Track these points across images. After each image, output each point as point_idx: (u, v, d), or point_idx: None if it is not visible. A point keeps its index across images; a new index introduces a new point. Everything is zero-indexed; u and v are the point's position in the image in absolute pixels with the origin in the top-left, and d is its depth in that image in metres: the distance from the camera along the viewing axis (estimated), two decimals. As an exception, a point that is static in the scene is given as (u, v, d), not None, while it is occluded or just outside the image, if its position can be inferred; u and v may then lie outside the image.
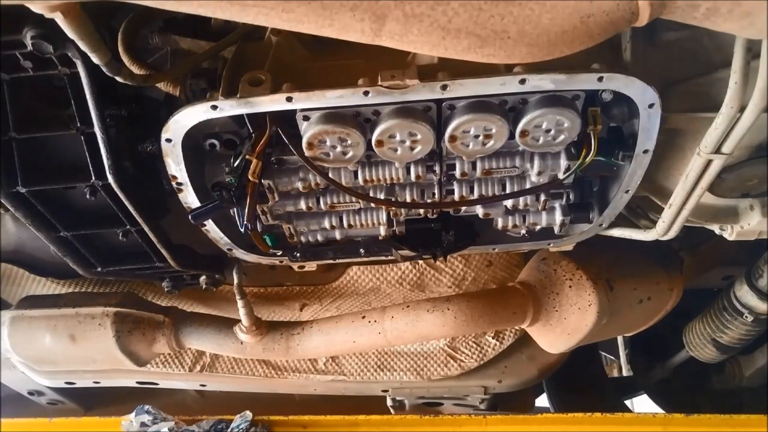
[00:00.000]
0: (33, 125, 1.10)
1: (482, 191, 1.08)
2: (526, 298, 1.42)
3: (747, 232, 1.14)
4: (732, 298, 1.46)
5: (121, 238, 1.29)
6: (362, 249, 1.22)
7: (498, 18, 0.67)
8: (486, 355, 1.77)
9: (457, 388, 1.85)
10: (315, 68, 0.98)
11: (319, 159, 0.97)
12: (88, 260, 1.34)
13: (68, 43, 0.91)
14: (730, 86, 0.84)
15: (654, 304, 1.45)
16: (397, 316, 1.41)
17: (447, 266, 1.65)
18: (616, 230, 1.22)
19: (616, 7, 0.67)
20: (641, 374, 2.26)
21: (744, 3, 0.67)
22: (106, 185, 1.13)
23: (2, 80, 1.02)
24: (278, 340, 1.55)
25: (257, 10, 0.68)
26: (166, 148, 0.96)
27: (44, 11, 0.74)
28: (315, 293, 1.71)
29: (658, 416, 1.62)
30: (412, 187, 1.09)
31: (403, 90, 0.87)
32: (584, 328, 1.39)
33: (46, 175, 1.16)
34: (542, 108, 0.90)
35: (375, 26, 0.68)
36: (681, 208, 1.05)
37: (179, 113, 0.90)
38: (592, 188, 1.15)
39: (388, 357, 1.83)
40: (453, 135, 0.94)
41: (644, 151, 0.97)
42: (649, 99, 0.89)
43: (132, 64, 0.99)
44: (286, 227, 1.16)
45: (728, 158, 0.93)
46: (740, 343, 1.53)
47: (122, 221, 1.25)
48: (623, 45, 0.94)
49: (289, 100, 0.88)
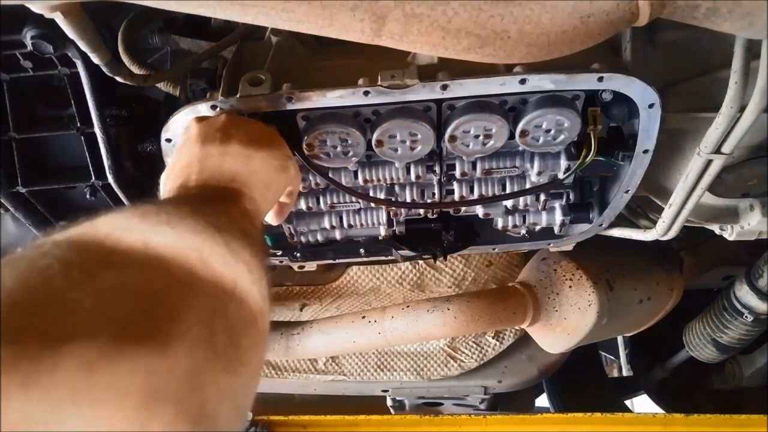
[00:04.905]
0: (33, 125, 1.10)
1: (482, 191, 1.08)
2: (526, 298, 1.42)
3: (747, 232, 1.14)
4: (732, 298, 1.46)
5: (121, 238, 1.29)
6: (362, 249, 1.22)
7: (498, 18, 0.67)
8: (486, 355, 1.77)
9: (457, 388, 1.85)
10: (315, 68, 0.98)
11: (319, 159, 0.97)
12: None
13: (68, 43, 0.91)
14: (730, 86, 0.84)
15: (654, 304, 1.45)
16: (397, 316, 1.42)
17: (447, 266, 1.65)
18: (616, 230, 1.22)
19: (616, 7, 0.67)
20: (641, 374, 2.26)
21: (744, 3, 0.67)
22: (106, 185, 1.13)
23: (2, 80, 1.02)
24: (278, 340, 1.55)
25: (257, 10, 0.68)
26: (166, 148, 0.96)
27: (44, 11, 0.74)
28: (315, 293, 1.71)
29: (658, 416, 1.63)
30: (412, 187, 1.09)
31: (403, 90, 0.87)
32: (584, 328, 1.39)
33: (46, 175, 1.16)
34: (542, 108, 0.90)
35: (375, 26, 0.68)
36: (681, 208, 1.05)
37: (179, 113, 0.90)
38: (592, 188, 1.15)
39: (388, 357, 1.83)
40: (453, 135, 0.94)
41: (644, 151, 0.97)
42: (649, 99, 0.89)
43: (132, 64, 0.99)
44: (286, 227, 1.17)
45: (728, 158, 0.93)
46: (740, 343, 1.53)
47: (122, 221, 1.24)
48: (623, 45, 0.94)
49: (289, 100, 0.88)
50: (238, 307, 0.54)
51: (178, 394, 0.42)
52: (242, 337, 0.52)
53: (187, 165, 0.77)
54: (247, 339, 0.52)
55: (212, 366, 0.46)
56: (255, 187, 0.77)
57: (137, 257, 0.49)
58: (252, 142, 0.80)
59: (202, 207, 0.62)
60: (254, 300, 0.56)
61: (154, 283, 0.48)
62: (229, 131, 0.80)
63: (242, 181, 0.76)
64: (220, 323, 0.49)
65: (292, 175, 0.86)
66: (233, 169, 0.76)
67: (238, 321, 0.53)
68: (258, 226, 0.73)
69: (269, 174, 0.81)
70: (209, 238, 0.55)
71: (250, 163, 0.78)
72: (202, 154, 0.77)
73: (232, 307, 0.53)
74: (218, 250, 0.55)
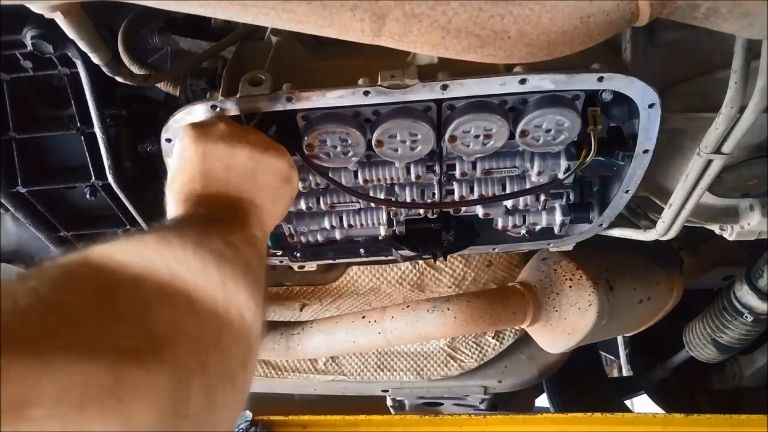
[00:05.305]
0: (33, 125, 1.10)
1: (482, 191, 1.08)
2: (525, 298, 1.42)
3: (747, 232, 1.14)
4: (732, 298, 1.46)
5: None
6: (362, 249, 1.22)
7: (498, 18, 0.67)
8: (486, 355, 1.77)
9: (457, 388, 1.85)
10: (315, 68, 0.98)
11: (319, 159, 0.97)
12: (88, 260, 1.34)
13: (68, 43, 0.91)
14: (730, 86, 0.84)
15: (654, 304, 1.45)
16: (397, 316, 1.41)
17: (447, 266, 1.65)
18: (616, 230, 1.22)
19: (616, 7, 0.67)
20: (641, 374, 2.26)
21: (744, 3, 0.67)
22: (106, 185, 1.13)
23: (2, 80, 1.02)
24: (278, 340, 1.55)
25: (257, 10, 0.68)
26: (166, 148, 0.96)
27: (44, 11, 0.74)
28: (315, 293, 1.71)
29: (658, 416, 1.63)
30: (412, 187, 1.09)
31: (403, 90, 0.87)
32: (584, 328, 1.39)
33: (46, 175, 1.16)
34: (542, 108, 0.90)
35: (375, 26, 0.68)
36: (681, 208, 1.05)
37: (179, 113, 0.90)
38: (592, 188, 1.14)
39: (388, 357, 1.83)
40: (453, 135, 0.94)
41: (644, 151, 0.97)
42: (649, 99, 0.89)
43: (132, 64, 0.99)
44: (286, 227, 1.17)
45: (728, 158, 0.93)
46: (740, 343, 1.53)
47: (122, 221, 1.25)
48: (623, 45, 0.94)
49: (289, 100, 0.88)
50: (235, 341, 0.56)
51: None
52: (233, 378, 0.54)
53: (190, 180, 0.74)
54: (233, 383, 0.54)
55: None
56: (262, 204, 0.76)
57: (146, 287, 0.50)
58: (255, 155, 0.78)
59: (207, 241, 0.60)
60: (253, 335, 0.59)
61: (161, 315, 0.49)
62: (230, 142, 0.78)
63: (249, 199, 0.74)
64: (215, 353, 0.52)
65: (295, 184, 0.85)
66: (239, 185, 0.75)
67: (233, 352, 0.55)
68: (263, 254, 0.71)
69: (274, 190, 0.79)
70: (213, 277, 0.56)
71: (255, 179, 0.77)
72: (205, 168, 0.75)
73: (226, 338, 0.54)
74: (219, 290, 0.55)
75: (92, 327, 0.42)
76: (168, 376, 0.44)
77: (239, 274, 0.59)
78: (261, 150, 0.79)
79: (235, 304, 0.56)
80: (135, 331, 0.45)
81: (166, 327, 0.47)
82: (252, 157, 0.77)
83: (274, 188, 0.79)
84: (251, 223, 0.72)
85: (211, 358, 0.50)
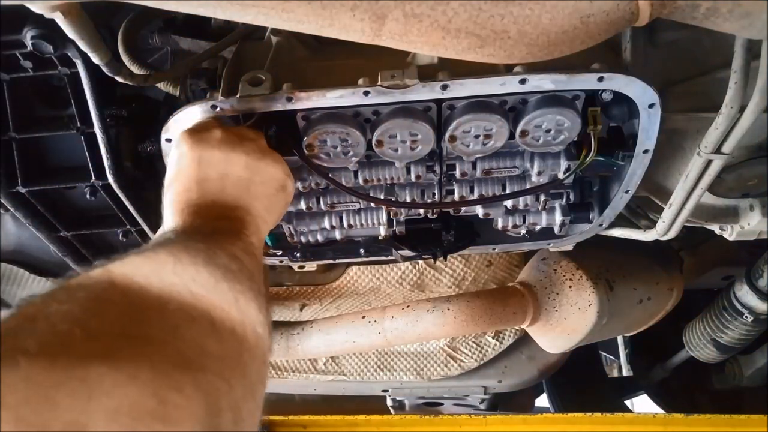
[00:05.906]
0: (33, 125, 1.10)
1: (482, 191, 1.08)
2: (525, 298, 1.42)
3: (747, 232, 1.14)
4: (732, 298, 1.46)
5: (121, 238, 1.29)
6: (362, 249, 1.22)
7: (498, 18, 0.67)
8: (486, 355, 1.77)
9: (457, 388, 1.85)
10: (315, 68, 0.98)
11: (319, 159, 0.97)
12: (88, 260, 1.35)
13: (68, 43, 0.91)
14: (730, 86, 0.84)
15: (654, 304, 1.45)
16: (397, 316, 1.42)
17: (447, 266, 1.65)
18: (616, 230, 1.22)
19: (616, 7, 0.67)
20: (641, 374, 2.26)
21: (744, 3, 0.67)
22: (106, 185, 1.13)
23: (2, 80, 1.02)
24: (278, 340, 1.55)
25: (257, 10, 0.68)
26: (166, 148, 0.96)
27: (44, 11, 0.74)
28: (315, 293, 1.71)
29: (658, 416, 1.62)
30: (412, 187, 1.09)
31: (403, 90, 0.87)
32: (584, 328, 1.39)
33: (46, 175, 1.17)
34: (542, 108, 0.90)
35: (375, 26, 0.68)
36: (681, 208, 1.05)
37: (179, 113, 0.90)
38: (592, 188, 1.15)
39: (388, 357, 1.83)
40: (453, 135, 0.94)
41: (644, 151, 0.97)
42: (649, 99, 0.89)
43: (132, 64, 0.99)
44: (286, 227, 1.16)
45: (728, 158, 0.93)
46: (740, 343, 1.53)
47: (122, 221, 1.25)
48: (623, 45, 0.94)
49: (289, 100, 0.88)
50: (252, 357, 0.56)
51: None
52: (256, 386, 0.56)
53: (186, 189, 0.74)
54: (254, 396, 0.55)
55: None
56: (257, 213, 0.76)
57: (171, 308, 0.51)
58: (251, 163, 0.78)
59: (214, 255, 0.60)
60: (267, 350, 0.60)
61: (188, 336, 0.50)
62: (226, 150, 0.78)
63: (245, 208, 0.75)
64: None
65: (290, 191, 0.85)
66: (235, 195, 0.75)
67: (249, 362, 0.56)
68: (260, 261, 0.72)
69: (269, 199, 0.80)
70: (226, 293, 0.57)
71: (251, 189, 0.77)
72: (201, 177, 0.75)
73: (245, 355, 0.55)
74: (233, 307, 0.56)
75: (129, 352, 0.43)
76: (203, 398, 0.45)
77: (247, 288, 0.59)
78: (257, 158, 0.79)
79: (249, 319, 0.57)
80: (168, 355, 0.45)
81: (193, 349, 0.48)
82: (248, 165, 0.78)
83: (269, 196, 0.80)
84: (248, 232, 0.72)
85: (235, 377, 0.51)
